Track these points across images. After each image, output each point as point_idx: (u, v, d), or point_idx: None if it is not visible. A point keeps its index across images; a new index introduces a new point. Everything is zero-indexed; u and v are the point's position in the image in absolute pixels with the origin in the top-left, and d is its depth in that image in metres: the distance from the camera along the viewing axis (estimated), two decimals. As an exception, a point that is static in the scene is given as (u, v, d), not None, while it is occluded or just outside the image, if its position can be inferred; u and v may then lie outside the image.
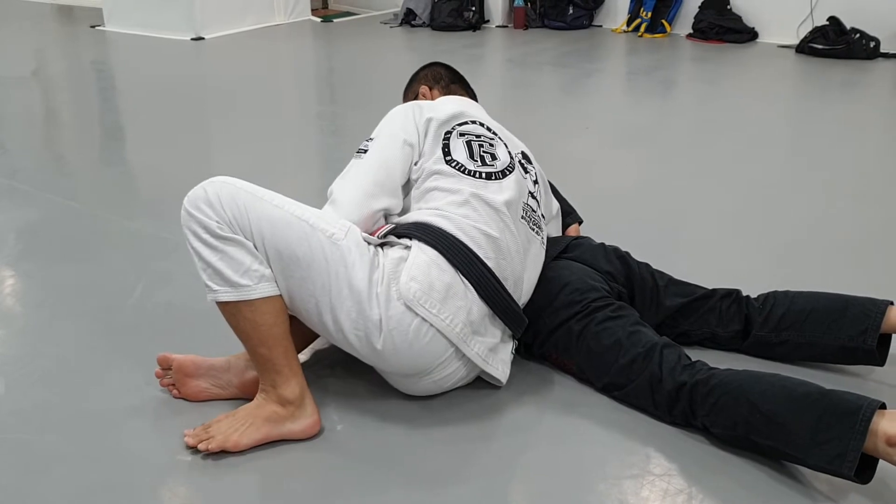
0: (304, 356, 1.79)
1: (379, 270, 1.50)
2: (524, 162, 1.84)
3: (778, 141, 3.58)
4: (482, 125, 1.80)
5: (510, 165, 1.74)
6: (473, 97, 2.07)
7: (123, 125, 4.04)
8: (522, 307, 1.69)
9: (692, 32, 5.93)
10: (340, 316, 1.48)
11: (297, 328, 1.59)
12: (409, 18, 6.65)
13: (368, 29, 6.64)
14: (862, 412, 1.33)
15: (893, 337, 1.70)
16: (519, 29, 6.45)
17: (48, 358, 1.84)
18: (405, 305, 1.47)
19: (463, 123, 1.77)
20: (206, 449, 1.49)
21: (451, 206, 1.61)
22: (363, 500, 1.40)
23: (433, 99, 1.99)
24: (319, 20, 7.00)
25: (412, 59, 5.34)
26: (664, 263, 1.94)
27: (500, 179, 1.69)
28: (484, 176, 1.68)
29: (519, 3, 6.42)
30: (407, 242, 1.56)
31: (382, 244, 1.57)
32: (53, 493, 1.42)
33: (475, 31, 6.43)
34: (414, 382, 1.60)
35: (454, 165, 1.68)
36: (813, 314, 1.71)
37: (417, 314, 1.48)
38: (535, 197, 1.80)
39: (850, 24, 5.18)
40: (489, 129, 1.81)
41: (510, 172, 1.72)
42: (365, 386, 1.70)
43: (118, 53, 5.87)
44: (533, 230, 1.74)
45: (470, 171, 1.67)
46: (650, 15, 6.03)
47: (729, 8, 5.82)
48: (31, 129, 3.91)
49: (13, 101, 4.39)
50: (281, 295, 1.50)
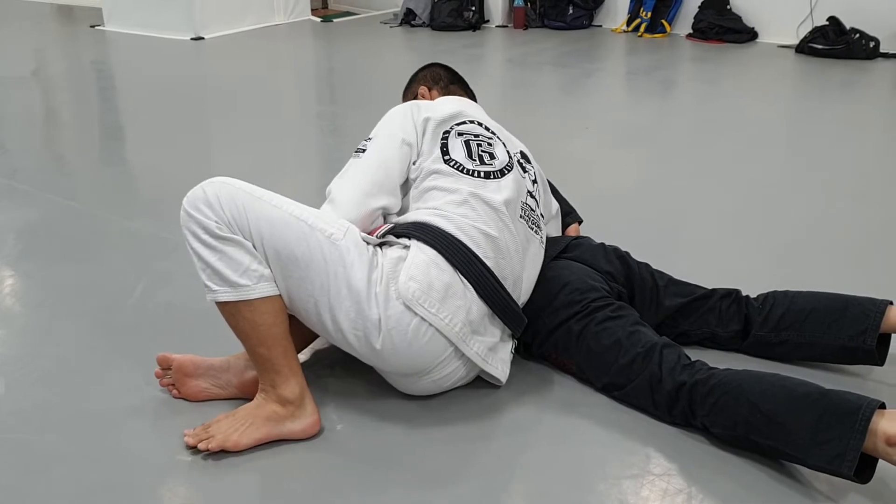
0: (303, 356, 1.79)
1: (378, 270, 1.50)
2: (523, 161, 1.84)
3: (778, 141, 3.58)
4: (480, 125, 1.80)
5: (508, 164, 1.74)
6: (472, 98, 2.07)
7: (123, 125, 4.04)
8: (522, 307, 1.69)
9: (692, 32, 5.93)
10: (339, 316, 1.48)
11: (296, 328, 1.59)
12: (408, 18, 6.66)
13: (368, 29, 6.64)
14: (861, 412, 1.33)
15: (893, 337, 1.70)
16: (519, 29, 6.45)
17: (48, 358, 1.84)
18: (404, 305, 1.47)
19: (461, 123, 1.77)
20: (206, 449, 1.49)
21: (449, 205, 1.61)
22: (363, 499, 1.40)
23: (432, 99, 1.99)
24: (319, 20, 7.01)
25: (412, 59, 5.34)
26: (664, 263, 1.94)
27: (498, 178, 1.69)
28: (482, 175, 1.68)
29: (519, 3, 6.43)
30: (406, 242, 1.56)
31: (381, 244, 1.57)
32: (53, 493, 1.42)
33: (475, 31, 6.43)
34: (413, 382, 1.60)
35: (453, 165, 1.68)
36: (813, 314, 1.71)
37: (416, 314, 1.48)
38: (533, 196, 1.80)
39: (849, 24, 5.19)
40: (488, 128, 1.81)
41: (508, 171, 1.72)
42: (364, 385, 1.70)
43: (118, 53, 5.87)
44: (532, 229, 1.74)
45: (468, 170, 1.67)
46: (650, 15, 6.04)
47: (729, 8, 5.82)
48: (31, 129, 3.91)
49: (13, 101, 4.39)
50: (280, 295, 1.50)
